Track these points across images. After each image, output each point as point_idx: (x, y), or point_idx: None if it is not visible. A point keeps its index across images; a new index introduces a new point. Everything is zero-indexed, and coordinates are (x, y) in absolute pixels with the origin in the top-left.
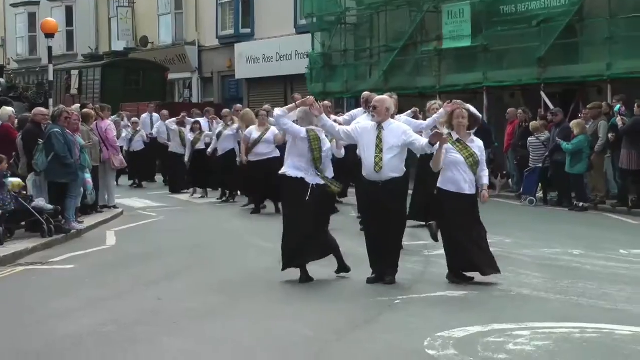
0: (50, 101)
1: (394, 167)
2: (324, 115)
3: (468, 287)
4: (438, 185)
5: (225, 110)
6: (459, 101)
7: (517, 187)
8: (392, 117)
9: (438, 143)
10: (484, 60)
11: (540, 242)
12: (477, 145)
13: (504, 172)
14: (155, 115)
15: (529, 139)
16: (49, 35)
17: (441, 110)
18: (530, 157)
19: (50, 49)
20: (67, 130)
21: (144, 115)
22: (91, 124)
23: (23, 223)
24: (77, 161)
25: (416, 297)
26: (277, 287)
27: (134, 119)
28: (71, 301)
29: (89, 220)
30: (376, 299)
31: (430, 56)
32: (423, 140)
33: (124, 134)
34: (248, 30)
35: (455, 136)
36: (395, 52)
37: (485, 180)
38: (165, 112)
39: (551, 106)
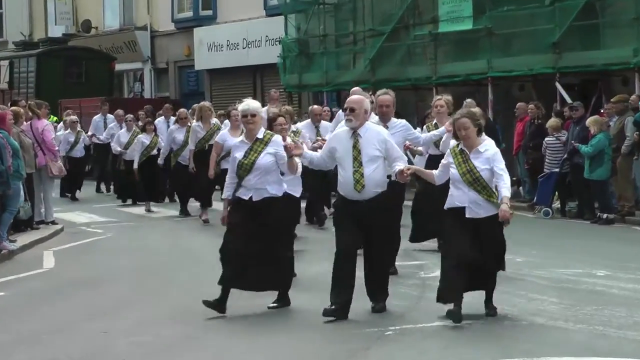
0: None
1: (378, 181)
2: (306, 152)
3: (472, 315)
4: None
5: (182, 111)
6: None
7: (529, 195)
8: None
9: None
10: (489, 46)
11: (558, 261)
12: (484, 156)
13: (514, 179)
14: (109, 116)
15: (547, 139)
16: None
17: (442, 128)
18: (546, 160)
19: None
20: None
21: (97, 117)
22: (21, 124)
23: None
24: (8, 168)
25: (411, 327)
26: (244, 317)
27: (73, 117)
28: (1, 335)
29: (22, 239)
30: (363, 330)
31: (424, 42)
32: (396, 166)
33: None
34: (209, 13)
35: (460, 146)
36: (383, 37)
37: (505, 193)
38: (120, 111)
39: (568, 100)
